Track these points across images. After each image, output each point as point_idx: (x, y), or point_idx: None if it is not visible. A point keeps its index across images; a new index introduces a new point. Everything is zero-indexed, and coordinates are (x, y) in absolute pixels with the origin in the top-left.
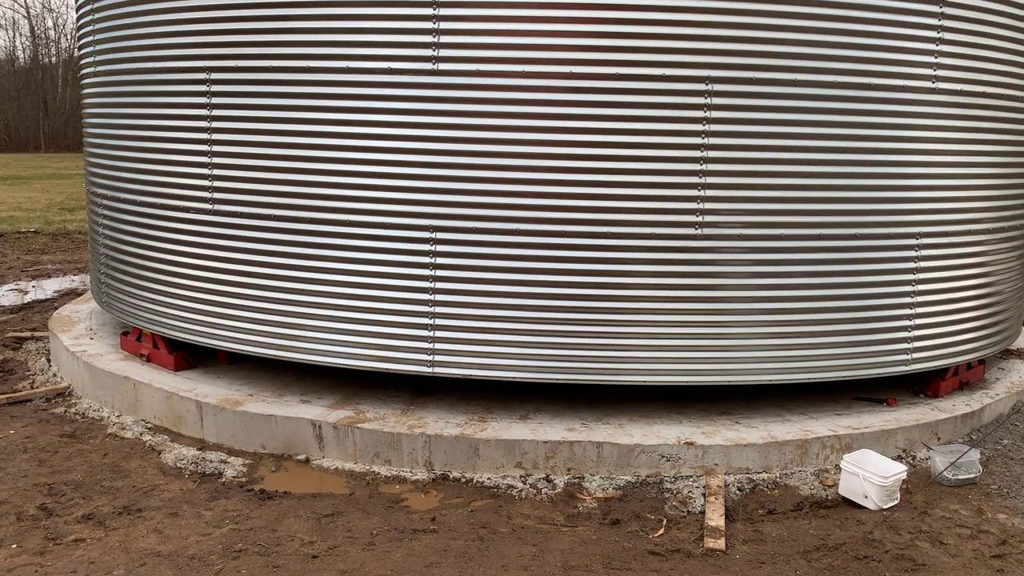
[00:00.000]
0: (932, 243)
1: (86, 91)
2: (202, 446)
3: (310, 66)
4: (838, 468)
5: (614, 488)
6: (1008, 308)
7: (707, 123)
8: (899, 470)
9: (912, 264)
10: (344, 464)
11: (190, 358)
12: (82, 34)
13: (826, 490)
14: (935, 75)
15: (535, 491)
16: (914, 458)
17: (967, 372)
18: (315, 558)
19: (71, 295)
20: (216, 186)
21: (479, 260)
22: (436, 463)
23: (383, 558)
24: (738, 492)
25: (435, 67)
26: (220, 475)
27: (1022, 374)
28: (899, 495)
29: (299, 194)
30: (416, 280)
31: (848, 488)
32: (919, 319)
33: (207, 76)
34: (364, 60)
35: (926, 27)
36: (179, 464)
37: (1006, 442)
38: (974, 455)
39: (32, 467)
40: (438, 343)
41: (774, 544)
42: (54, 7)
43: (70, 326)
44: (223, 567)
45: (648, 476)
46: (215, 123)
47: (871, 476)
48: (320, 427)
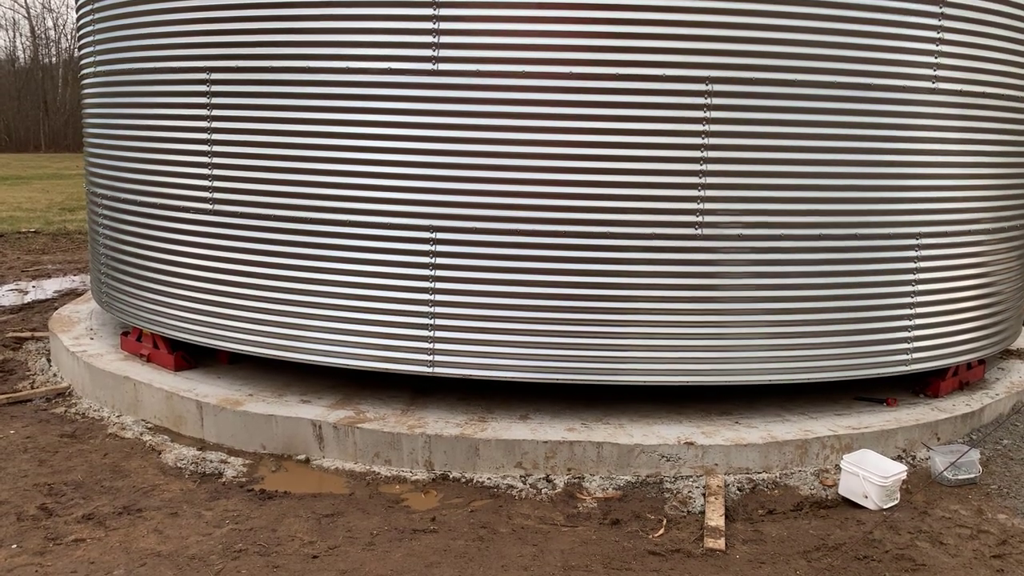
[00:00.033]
0: (932, 243)
1: (86, 91)
2: (202, 446)
3: (310, 66)
4: (838, 468)
5: (614, 488)
6: (1008, 308)
7: (707, 123)
8: (899, 470)
9: (912, 264)
10: (344, 464)
11: (190, 358)
12: (82, 34)
13: (826, 490)
14: (935, 75)
15: (535, 491)
16: (914, 458)
17: (967, 372)
18: (315, 558)
19: (71, 295)
20: (216, 186)
21: (479, 260)
22: (436, 463)
23: (383, 558)
24: (738, 492)
25: (435, 67)
26: (220, 475)
27: (1022, 374)
28: (899, 495)
29: (299, 194)
30: (416, 280)
31: (848, 488)
32: (919, 319)
33: (207, 76)
34: (364, 60)
35: (926, 27)
36: (179, 464)
37: (1006, 442)
38: (974, 455)
39: (32, 467)
40: (438, 343)
41: (774, 544)
42: (54, 7)
43: (70, 326)
44: (223, 567)
45: (648, 476)
46: (215, 123)
47: (871, 476)
48: (320, 427)
